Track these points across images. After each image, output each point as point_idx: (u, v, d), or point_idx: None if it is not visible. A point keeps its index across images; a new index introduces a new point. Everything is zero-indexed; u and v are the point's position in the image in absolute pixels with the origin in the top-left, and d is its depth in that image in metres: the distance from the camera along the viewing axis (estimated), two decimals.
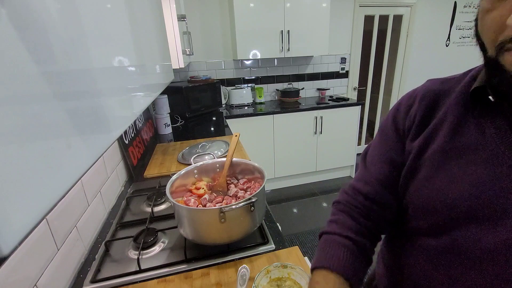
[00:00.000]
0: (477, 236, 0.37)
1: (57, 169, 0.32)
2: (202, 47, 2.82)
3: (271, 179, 2.92)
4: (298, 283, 0.64)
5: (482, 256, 0.36)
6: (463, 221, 0.39)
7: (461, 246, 0.39)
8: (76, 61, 0.38)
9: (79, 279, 0.73)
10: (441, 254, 0.41)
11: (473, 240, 0.37)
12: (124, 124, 0.58)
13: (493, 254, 0.35)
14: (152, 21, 0.96)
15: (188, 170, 0.92)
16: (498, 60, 0.34)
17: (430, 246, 0.43)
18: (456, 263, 0.39)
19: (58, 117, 0.33)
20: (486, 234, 0.36)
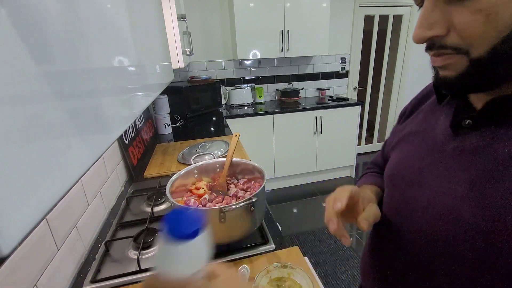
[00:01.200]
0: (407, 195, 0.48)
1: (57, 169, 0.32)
2: (202, 47, 2.82)
3: (271, 179, 2.92)
4: (298, 283, 0.64)
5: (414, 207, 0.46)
6: (399, 184, 0.50)
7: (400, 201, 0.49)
8: (76, 61, 0.38)
9: (79, 279, 0.73)
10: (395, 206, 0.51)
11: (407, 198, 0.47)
12: (124, 124, 0.58)
13: (420, 206, 0.45)
14: (152, 21, 0.96)
15: (188, 170, 0.92)
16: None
17: (387, 201, 0.54)
18: (400, 213, 0.49)
19: (58, 117, 0.33)
20: (413, 194, 0.46)
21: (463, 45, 0.33)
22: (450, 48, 0.35)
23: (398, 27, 3.42)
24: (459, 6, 0.32)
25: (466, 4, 0.31)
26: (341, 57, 3.30)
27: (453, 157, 0.41)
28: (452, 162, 0.41)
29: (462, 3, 0.31)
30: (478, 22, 0.31)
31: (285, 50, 2.68)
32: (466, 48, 0.33)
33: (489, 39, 0.31)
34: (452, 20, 0.33)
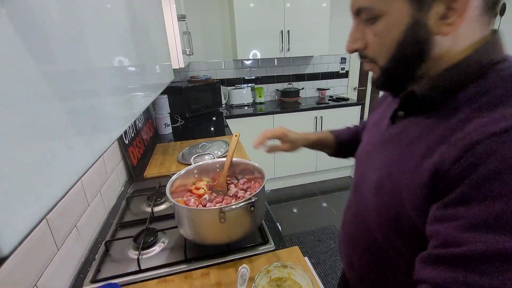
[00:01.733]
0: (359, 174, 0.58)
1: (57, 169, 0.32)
2: (202, 47, 2.82)
3: (271, 179, 2.92)
4: (298, 283, 0.64)
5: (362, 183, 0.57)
6: (358, 166, 0.60)
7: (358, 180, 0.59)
8: (76, 61, 0.38)
9: (79, 279, 0.73)
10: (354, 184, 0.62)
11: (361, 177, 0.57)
12: (124, 124, 0.58)
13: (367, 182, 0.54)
14: (152, 21, 0.96)
15: (188, 170, 0.92)
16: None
17: (351, 183, 0.64)
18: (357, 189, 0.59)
19: (58, 117, 0.33)
20: (365, 174, 0.55)
21: (373, 57, 0.45)
22: (368, 58, 0.46)
23: None
24: (369, 29, 0.43)
25: (371, 28, 0.43)
26: (341, 57, 3.30)
27: (384, 142, 0.51)
28: (382, 147, 0.51)
29: (370, 27, 0.43)
30: (376, 43, 0.43)
31: (285, 50, 2.68)
32: (375, 59, 0.45)
33: (384, 54, 0.43)
34: (367, 38, 0.44)
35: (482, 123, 0.35)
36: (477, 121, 0.35)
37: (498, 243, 0.30)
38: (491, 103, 0.36)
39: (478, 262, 0.31)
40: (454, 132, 0.37)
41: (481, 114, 0.36)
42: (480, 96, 0.38)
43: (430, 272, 0.35)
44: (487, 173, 0.32)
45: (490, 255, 0.31)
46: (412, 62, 0.42)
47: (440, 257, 0.35)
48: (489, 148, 0.32)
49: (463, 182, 0.34)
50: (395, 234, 0.46)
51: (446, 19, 0.37)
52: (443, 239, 0.35)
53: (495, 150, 0.32)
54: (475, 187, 0.33)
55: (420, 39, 0.40)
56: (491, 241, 0.31)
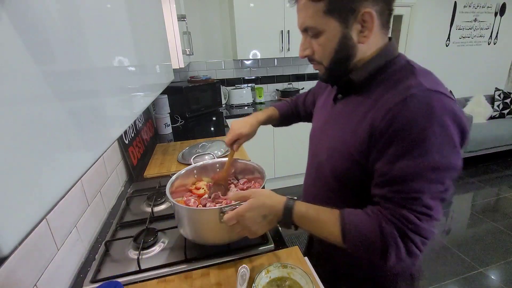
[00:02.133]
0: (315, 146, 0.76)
1: (57, 169, 0.32)
2: (202, 47, 2.82)
3: (271, 179, 2.92)
4: (298, 283, 0.64)
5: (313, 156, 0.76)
6: (313, 139, 0.78)
7: (313, 147, 0.77)
8: (76, 61, 0.38)
9: (79, 279, 0.73)
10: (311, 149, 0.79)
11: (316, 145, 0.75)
12: (124, 124, 0.58)
13: (319, 153, 0.72)
14: (152, 21, 0.96)
15: (188, 170, 0.92)
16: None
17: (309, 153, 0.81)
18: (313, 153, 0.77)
19: (58, 117, 0.33)
20: (320, 145, 0.72)
21: (320, 60, 0.62)
22: (316, 61, 0.63)
23: (398, 27, 3.42)
24: (314, 41, 0.60)
25: (316, 40, 0.60)
26: None
27: (331, 118, 0.70)
28: (330, 122, 0.70)
29: (315, 40, 0.60)
30: (320, 50, 0.60)
31: (285, 50, 2.68)
32: (321, 62, 0.62)
33: (327, 58, 0.60)
34: (313, 47, 0.61)
35: (390, 96, 0.54)
36: (387, 95, 0.55)
37: (406, 167, 0.51)
38: (393, 83, 0.56)
39: (400, 179, 0.51)
40: (376, 103, 0.56)
41: (388, 91, 0.55)
42: (387, 80, 0.58)
43: (378, 191, 0.56)
44: (399, 125, 0.51)
45: (404, 174, 0.51)
46: (345, 62, 0.60)
47: (379, 182, 0.55)
48: (399, 110, 0.51)
49: (386, 132, 0.52)
50: (346, 184, 0.64)
51: (363, 33, 0.56)
52: (379, 171, 0.55)
53: (399, 112, 0.51)
54: (393, 135, 0.51)
55: (348, 46, 0.58)
56: (403, 167, 0.51)
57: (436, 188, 0.51)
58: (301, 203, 0.62)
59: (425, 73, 0.56)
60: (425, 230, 0.51)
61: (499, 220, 2.35)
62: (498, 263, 1.91)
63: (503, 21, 3.86)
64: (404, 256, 0.52)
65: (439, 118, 0.49)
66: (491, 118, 3.68)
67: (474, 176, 3.10)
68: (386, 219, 0.52)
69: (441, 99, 0.50)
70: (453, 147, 0.50)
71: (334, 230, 0.57)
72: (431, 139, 0.49)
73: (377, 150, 0.54)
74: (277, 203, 0.61)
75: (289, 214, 0.60)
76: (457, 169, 0.52)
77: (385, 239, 0.52)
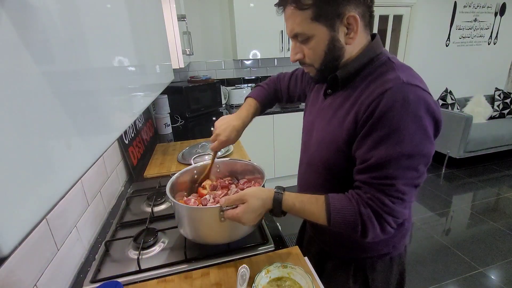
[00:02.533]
0: (306, 139, 0.81)
1: (57, 169, 0.32)
2: (202, 47, 2.82)
3: (271, 179, 2.92)
4: (298, 283, 0.64)
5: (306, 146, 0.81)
6: (305, 133, 0.82)
7: (306, 139, 0.82)
8: (76, 61, 0.38)
9: (79, 279, 0.73)
10: (304, 141, 0.84)
11: (309, 137, 0.79)
12: (124, 124, 0.58)
13: (310, 145, 0.77)
14: (152, 21, 0.96)
15: (188, 170, 0.92)
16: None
17: (302, 144, 0.86)
18: (305, 146, 0.82)
19: (58, 117, 0.33)
20: (311, 137, 0.77)
21: (311, 63, 0.67)
22: (307, 64, 0.68)
23: (398, 27, 3.42)
24: (304, 45, 0.64)
25: (306, 45, 0.64)
26: None
27: (321, 112, 0.74)
28: (320, 115, 0.74)
29: (305, 44, 0.64)
30: (311, 54, 0.65)
31: (285, 50, 2.67)
32: (312, 64, 0.67)
33: (318, 60, 0.65)
34: (304, 51, 0.66)
35: (371, 90, 0.59)
36: (369, 90, 0.60)
37: (383, 154, 0.56)
38: (376, 77, 0.61)
39: (378, 166, 0.57)
40: (360, 97, 0.62)
41: (370, 85, 0.61)
42: (370, 75, 0.63)
43: (359, 176, 0.62)
44: (378, 116, 0.56)
45: (382, 162, 0.56)
46: (335, 62, 0.65)
47: (360, 168, 0.61)
48: (378, 102, 0.56)
49: (367, 122, 0.58)
50: (335, 172, 0.70)
51: (349, 35, 0.61)
52: (360, 159, 0.61)
53: (378, 104, 0.56)
54: (373, 125, 0.57)
55: (337, 48, 0.63)
56: (380, 155, 0.56)
57: (410, 175, 0.57)
58: (288, 195, 0.67)
59: (404, 68, 0.62)
60: (397, 212, 0.59)
61: (499, 220, 2.35)
62: (498, 263, 1.91)
63: (503, 21, 3.86)
64: (379, 233, 0.60)
65: (413, 110, 0.54)
66: (491, 118, 3.68)
67: (474, 176, 3.10)
68: (364, 202, 0.60)
69: (416, 91, 0.55)
70: (426, 136, 0.56)
71: (320, 217, 0.64)
72: (406, 129, 0.54)
73: (359, 139, 0.61)
74: (267, 199, 0.67)
75: (278, 206, 0.67)
76: (429, 157, 0.57)
77: (364, 221, 0.59)
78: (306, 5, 0.59)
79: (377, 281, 0.77)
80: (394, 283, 0.80)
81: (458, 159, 3.22)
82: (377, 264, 0.77)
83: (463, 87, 3.84)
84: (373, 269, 0.77)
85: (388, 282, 0.79)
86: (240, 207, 0.65)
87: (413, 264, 1.92)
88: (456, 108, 3.56)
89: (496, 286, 1.74)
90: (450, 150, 3.17)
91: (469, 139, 3.10)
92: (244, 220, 0.65)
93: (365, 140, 0.59)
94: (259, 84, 1.02)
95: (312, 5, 0.58)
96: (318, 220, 0.65)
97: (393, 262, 0.78)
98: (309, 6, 0.59)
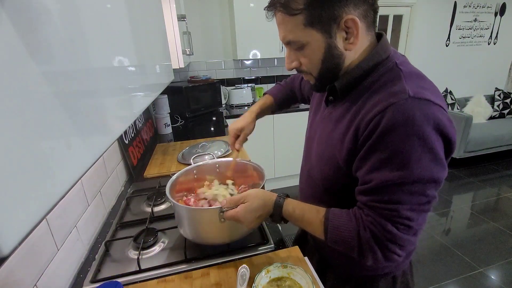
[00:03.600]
0: (308, 147, 0.77)
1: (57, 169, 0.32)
2: (202, 47, 2.82)
3: (271, 179, 2.92)
4: (298, 283, 0.64)
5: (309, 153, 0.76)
6: (308, 140, 0.78)
7: (307, 149, 0.78)
8: (76, 61, 0.38)
9: (79, 279, 0.73)
10: (305, 150, 0.80)
11: (310, 146, 0.75)
12: (124, 124, 0.58)
13: (311, 155, 0.73)
14: (152, 21, 0.96)
15: (188, 170, 0.92)
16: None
17: (303, 154, 0.82)
18: (306, 155, 0.78)
19: (58, 117, 0.33)
20: (312, 147, 0.73)
21: (308, 71, 0.62)
22: (305, 72, 0.63)
23: (398, 27, 3.42)
24: (299, 53, 0.59)
25: (301, 52, 0.59)
26: None
27: (322, 121, 0.70)
28: (321, 124, 0.70)
29: (300, 52, 0.59)
30: (307, 62, 0.60)
31: (285, 50, 2.67)
32: (310, 72, 0.62)
33: (315, 68, 0.60)
34: (299, 59, 0.61)
35: (373, 104, 0.53)
36: (370, 103, 0.54)
37: (384, 178, 0.51)
38: (380, 87, 0.55)
39: (379, 190, 0.52)
40: (360, 110, 0.56)
41: (373, 97, 0.55)
42: (374, 84, 0.57)
43: (360, 198, 0.57)
44: (379, 136, 0.50)
45: (383, 186, 0.51)
46: (334, 70, 0.60)
47: (362, 190, 0.56)
48: (379, 120, 0.50)
49: (367, 141, 0.52)
50: (334, 188, 0.67)
51: (348, 40, 0.55)
52: (362, 180, 0.56)
53: (379, 122, 0.50)
54: (373, 145, 0.52)
55: (335, 56, 0.57)
56: (383, 178, 0.51)
57: (417, 200, 0.50)
58: (289, 201, 0.65)
59: (413, 77, 0.54)
60: (402, 240, 0.52)
61: (499, 220, 2.35)
62: (498, 263, 1.91)
63: (503, 21, 3.86)
64: (381, 260, 0.54)
65: (419, 129, 0.47)
66: (491, 118, 3.68)
67: (474, 176, 3.10)
68: (365, 225, 0.54)
69: (424, 107, 0.48)
70: (435, 158, 0.49)
71: (317, 229, 0.61)
72: (410, 151, 0.48)
73: (359, 159, 0.55)
74: (268, 201, 0.66)
75: (279, 212, 0.65)
76: (439, 181, 0.51)
77: (361, 244, 0.55)
78: (296, 10, 0.53)
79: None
80: None
81: (458, 159, 3.22)
82: (379, 283, 0.71)
83: (463, 87, 3.84)
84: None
85: None
86: (240, 206, 0.65)
87: (413, 264, 1.91)
88: (456, 108, 3.56)
89: (496, 286, 1.74)
90: None
91: (469, 139, 3.10)
92: (243, 219, 0.64)
93: (365, 161, 0.54)
94: (278, 82, 1.04)
95: (303, 9, 0.53)
96: (315, 232, 0.62)
97: (396, 281, 0.72)
98: (300, 11, 0.53)
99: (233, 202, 0.66)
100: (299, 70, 0.63)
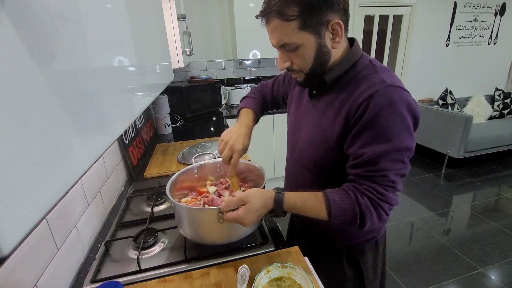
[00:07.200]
0: (294, 138, 0.86)
1: (57, 169, 0.32)
2: (202, 47, 2.82)
3: (271, 179, 2.92)
4: (298, 283, 0.64)
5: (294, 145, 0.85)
6: (291, 132, 0.88)
7: (292, 139, 0.87)
8: (76, 61, 0.38)
9: (79, 279, 0.73)
10: (290, 142, 0.90)
11: (295, 136, 0.84)
12: (124, 124, 0.58)
13: (300, 137, 0.82)
14: (152, 21, 0.96)
15: (188, 169, 0.92)
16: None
17: (288, 145, 0.92)
18: (292, 145, 0.88)
19: (58, 117, 0.33)
20: (299, 136, 0.82)
21: (299, 69, 0.70)
22: (296, 70, 0.71)
23: (398, 27, 3.42)
24: (293, 54, 0.67)
25: (294, 53, 0.67)
26: None
27: (308, 112, 0.79)
28: (306, 115, 0.79)
29: (293, 53, 0.67)
30: (300, 61, 0.68)
31: None
32: (301, 70, 0.70)
33: (307, 66, 0.68)
34: (292, 59, 0.69)
35: (359, 92, 0.64)
36: (357, 92, 0.65)
37: (375, 151, 0.62)
38: (361, 80, 0.67)
39: (371, 161, 0.63)
40: (348, 98, 0.66)
41: (358, 86, 0.66)
42: (355, 77, 0.68)
43: (353, 171, 0.67)
44: (368, 117, 0.61)
45: (374, 157, 0.62)
46: (323, 67, 0.69)
47: (354, 164, 0.66)
48: (367, 104, 0.62)
49: (358, 123, 0.63)
50: (325, 168, 0.76)
51: (334, 39, 0.66)
52: (354, 155, 0.66)
53: (367, 106, 0.61)
54: (364, 125, 0.62)
55: (324, 53, 0.66)
56: (373, 151, 0.62)
57: (398, 166, 0.64)
58: (288, 194, 0.69)
59: (385, 70, 0.67)
60: (391, 198, 0.65)
61: (499, 220, 2.35)
62: (498, 263, 1.91)
63: (503, 21, 3.86)
64: (376, 221, 0.66)
65: (398, 110, 0.61)
66: (491, 118, 3.68)
67: (474, 176, 3.10)
68: (361, 193, 0.65)
69: (399, 92, 0.62)
70: (409, 132, 0.63)
71: (320, 212, 0.67)
72: (393, 127, 0.61)
73: (351, 138, 0.66)
74: (268, 199, 0.69)
75: (279, 206, 0.69)
76: (412, 150, 0.65)
77: (362, 210, 0.64)
78: (292, 16, 0.61)
79: (368, 263, 0.85)
80: (381, 262, 0.89)
81: (458, 159, 3.22)
82: (366, 248, 0.84)
83: (463, 87, 3.84)
84: (363, 253, 0.84)
85: (376, 262, 0.87)
86: (241, 208, 0.65)
87: (413, 264, 1.92)
88: (456, 108, 3.56)
89: (496, 286, 1.74)
90: (450, 150, 3.17)
91: (469, 139, 3.09)
92: (245, 221, 0.65)
93: (357, 139, 0.64)
94: (246, 96, 1.05)
95: (298, 16, 0.61)
96: (318, 216, 0.68)
97: (378, 244, 0.86)
98: (295, 17, 0.61)
99: (233, 204, 0.66)
100: (290, 69, 0.71)
